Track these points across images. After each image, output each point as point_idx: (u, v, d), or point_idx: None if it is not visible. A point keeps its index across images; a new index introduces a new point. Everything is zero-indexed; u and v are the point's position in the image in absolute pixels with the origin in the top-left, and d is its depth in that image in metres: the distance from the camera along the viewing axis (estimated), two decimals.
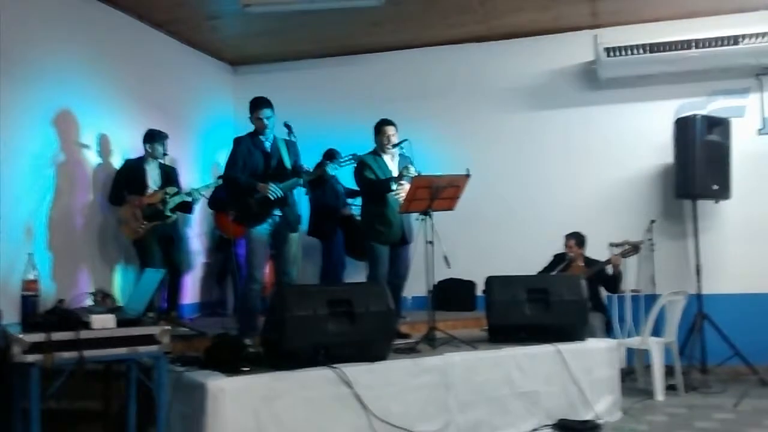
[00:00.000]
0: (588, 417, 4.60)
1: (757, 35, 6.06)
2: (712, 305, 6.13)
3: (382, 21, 6.62)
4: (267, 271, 5.57)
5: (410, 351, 4.43)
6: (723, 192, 6.24)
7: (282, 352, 3.82)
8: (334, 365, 3.81)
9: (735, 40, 6.10)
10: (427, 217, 4.94)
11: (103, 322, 3.13)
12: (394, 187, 5.22)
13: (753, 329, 6.06)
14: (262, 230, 4.90)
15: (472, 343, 4.66)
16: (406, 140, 5.34)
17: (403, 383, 4.04)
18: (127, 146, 6.05)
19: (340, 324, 3.94)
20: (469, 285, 6.67)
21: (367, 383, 3.86)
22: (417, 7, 6.34)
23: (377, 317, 4.05)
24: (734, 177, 6.26)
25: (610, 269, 6.00)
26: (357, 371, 3.85)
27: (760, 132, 6.50)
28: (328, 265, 6.87)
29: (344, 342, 3.95)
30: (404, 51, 7.39)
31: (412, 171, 5.17)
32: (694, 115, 6.21)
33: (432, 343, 4.68)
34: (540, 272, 6.07)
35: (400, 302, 5.43)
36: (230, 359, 3.75)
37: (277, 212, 4.92)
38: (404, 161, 5.37)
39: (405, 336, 4.99)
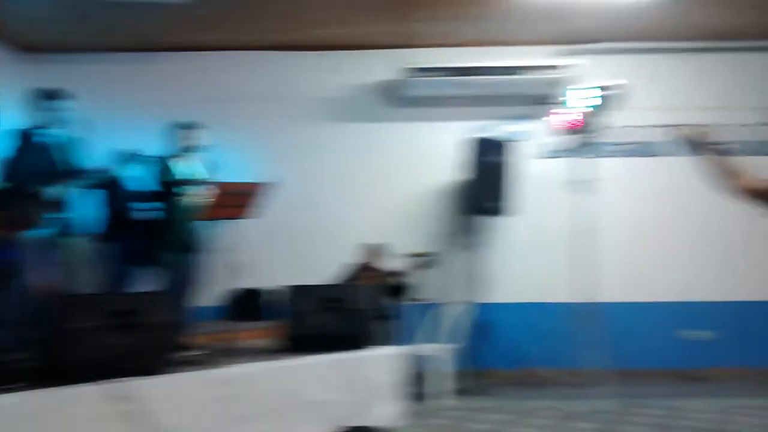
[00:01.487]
0: (371, 423, 4.74)
1: (534, 67, 6.67)
2: (494, 314, 6.61)
3: (189, 20, 6.39)
4: (44, 278, 5.18)
5: (195, 363, 4.30)
6: (507, 209, 6.74)
7: (55, 367, 3.55)
8: (112, 380, 3.60)
9: (515, 70, 6.68)
10: (222, 224, 4.87)
11: None
12: (188, 191, 5.09)
13: (530, 336, 6.58)
14: (34, 234, 4.57)
15: (261, 354, 4.64)
16: (205, 144, 5.24)
17: (187, 397, 3.90)
18: None
19: (122, 336, 3.73)
20: (261, 294, 6.59)
21: (149, 397, 3.68)
22: (230, 8, 6.20)
23: (161, 328, 3.90)
24: (517, 195, 6.78)
25: (400, 279, 6.26)
26: (137, 386, 3.66)
27: (540, 155, 7.08)
28: (113, 272, 6.45)
29: (125, 354, 3.75)
30: (213, 52, 7.16)
31: (208, 176, 5.08)
32: (482, 137, 6.65)
33: (218, 354, 4.57)
34: (335, 282, 6.19)
35: (188, 312, 5.28)
36: None
37: (54, 216, 4.62)
38: (203, 166, 5.26)
39: (191, 348, 4.85)
